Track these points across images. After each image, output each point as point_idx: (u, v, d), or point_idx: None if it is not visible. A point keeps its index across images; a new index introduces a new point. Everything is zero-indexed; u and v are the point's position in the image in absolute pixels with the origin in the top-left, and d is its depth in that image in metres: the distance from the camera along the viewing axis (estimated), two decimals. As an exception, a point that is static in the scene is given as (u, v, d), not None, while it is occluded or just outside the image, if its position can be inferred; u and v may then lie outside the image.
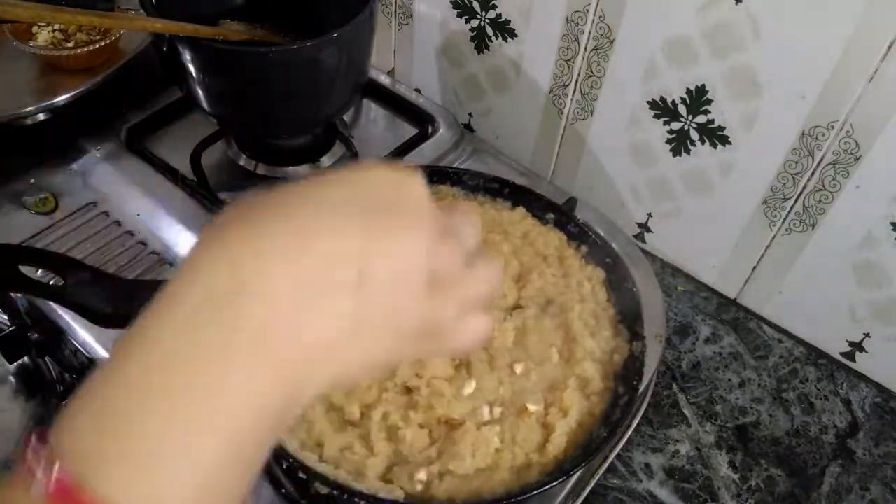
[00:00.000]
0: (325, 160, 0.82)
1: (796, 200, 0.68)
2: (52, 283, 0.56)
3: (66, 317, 0.66)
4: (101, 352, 0.64)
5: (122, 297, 0.54)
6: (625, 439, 0.66)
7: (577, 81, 0.77)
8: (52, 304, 0.65)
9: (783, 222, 0.70)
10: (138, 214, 0.76)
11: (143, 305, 0.28)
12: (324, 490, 0.50)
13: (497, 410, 0.54)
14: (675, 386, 0.71)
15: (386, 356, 0.32)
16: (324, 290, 0.28)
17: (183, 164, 0.79)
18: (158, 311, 0.27)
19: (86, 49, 0.80)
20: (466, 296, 0.33)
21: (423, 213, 0.31)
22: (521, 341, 0.57)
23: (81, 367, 0.68)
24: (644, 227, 0.82)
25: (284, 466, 0.56)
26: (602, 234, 0.65)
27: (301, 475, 0.49)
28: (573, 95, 0.78)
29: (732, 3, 0.61)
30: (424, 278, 0.31)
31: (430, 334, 0.33)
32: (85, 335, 0.65)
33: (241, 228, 0.28)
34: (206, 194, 0.77)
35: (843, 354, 0.74)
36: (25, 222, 0.74)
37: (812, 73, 0.61)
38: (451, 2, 0.82)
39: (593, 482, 0.63)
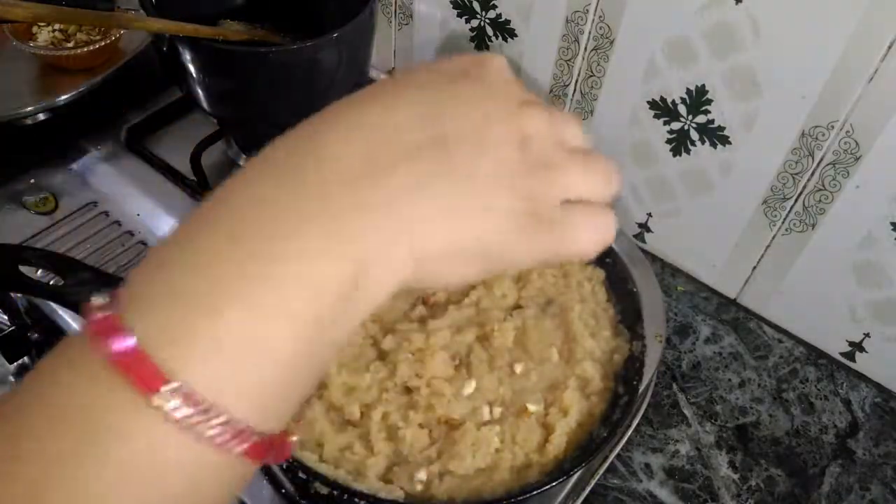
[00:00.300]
0: (325, 160, 0.82)
1: (796, 200, 0.68)
2: (52, 283, 0.56)
3: (66, 317, 0.66)
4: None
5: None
6: (625, 439, 0.66)
7: (577, 81, 0.77)
8: (52, 304, 0.65)
9: (783, 222, 0.70)
10: (138, 214, 0.76)
11: None
12: (324, 490, 0.50)
13: (497, 410, 0.54)
14: (675, 386, 0.71)
15: (489, 242, 0.28)
16: (390, 153, 0.27)
17: (183, 164, 0.79)
18: (233, 181, 0.27)
19: (86, 49, 0.80)
20: (570, 181, 0.30)
21: (505, 79, 0.30)
22: (521, 341, 0.57)
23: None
24: (644, 227, 0.82)
25: (284, 466, 0.56)
26: (602, 234, 0.65)
27: (301, 475, 0.49)
28: (573, 95, 0.78)
29: (732, 3, 0.61)
30: (514, 145, 0.28)
31: (539, 222, 0.29)
32: (85, 335, 0.65)
33: (323, 111, 0.29)
34: (206, 194, 0.77)
35: (843, 354, 0.74)
36: (25, 222, 0.74)
37: (812, 73, 0.61)
38: (451, 2, 0.82)
39: (593, 482, 0.63)
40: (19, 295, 0.70)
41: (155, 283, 0.25)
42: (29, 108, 0.77)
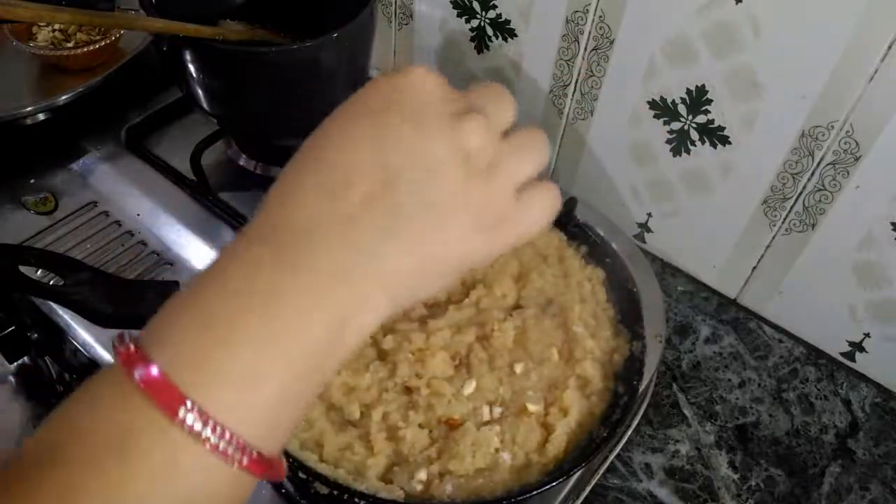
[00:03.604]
0: (325, 160, 0.82)
1: (796, 200, 0.68)
2: (52, 283, 0.56)
3: (66, 317, 0.66)
4: (101, 352, 0.64)
5: (122, 297, 0.54)
6: (625, 439, 0.66)
7: (577, 81, 0.77)
8: (52, 304, 0.65)
9: (783, 222, 0.70)
10: (138, 214, 0.76)
11: (143, 306, 0.29)
12: (324, 490, 0.50)
13: (497, 410, 0.54)
14: (675, 386, 0.71)
15: (457, 255, 0.31)
16: (346, 196, 0.29)
17: (183, 165, 0.79)
18: (230, 245, 0.30)
19: (86, 49, 0.80)
20: (514, 170, 0.32)
21: (431, 100, 0.31)
22: (521, 341, 0.57)
23: (81, 367, 0.68)
24: (644, 227, 0.82)
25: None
26: (602, 234, 0.65)
27: (301, 475, 0.49)
28: (573, 95, 0.78)
29: (732, 3, 0.61)
30: (458, 161, 0.30)
31: (496, 220, 0.31)
32: (85, 335, 0.65)
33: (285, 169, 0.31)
34: (205, 194, 0.77)
35: (843, 354, 0.74)
36: (25, 222, 0.74)
37: (812, 73, 0.61)
38: (451, 2, 0.82)
39: (593, 482, 0.63)
40: (19, 295, 0.70)
41: (177, 324, 0.28)
42: (29, 108, 0.77)
